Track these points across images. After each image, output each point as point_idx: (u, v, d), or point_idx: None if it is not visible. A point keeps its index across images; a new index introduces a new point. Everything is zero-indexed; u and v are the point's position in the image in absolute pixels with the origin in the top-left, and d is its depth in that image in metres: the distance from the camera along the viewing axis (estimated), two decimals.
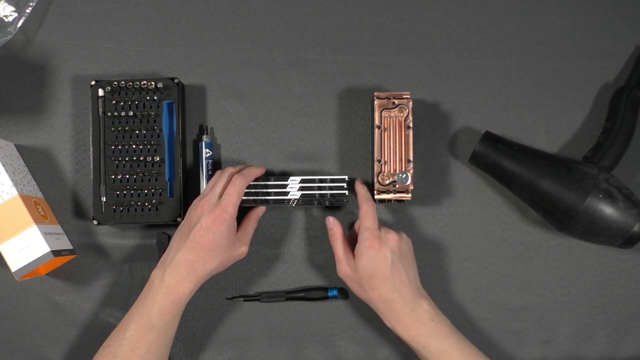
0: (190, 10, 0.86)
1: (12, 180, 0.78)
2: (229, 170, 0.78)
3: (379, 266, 0.74)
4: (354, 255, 0.76)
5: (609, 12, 0.86)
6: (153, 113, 0.81)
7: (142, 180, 0.81)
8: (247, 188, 0.79)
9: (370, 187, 0.81)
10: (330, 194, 0.80)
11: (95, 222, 0.80)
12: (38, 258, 0.76)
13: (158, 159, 0.81)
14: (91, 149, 0.81)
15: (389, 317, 0.75)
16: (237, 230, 0.77)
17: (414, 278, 0.77)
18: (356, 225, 0.81)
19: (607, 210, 0.75)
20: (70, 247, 0.83)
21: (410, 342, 0.74)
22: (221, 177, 0.77)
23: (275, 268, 0.84)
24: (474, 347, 0.75)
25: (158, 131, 0.81)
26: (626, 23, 0.85)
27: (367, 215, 0.76)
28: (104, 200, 0.80)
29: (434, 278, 0.83)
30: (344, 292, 0.84)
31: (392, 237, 0.76)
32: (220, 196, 0.74)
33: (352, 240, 0.80)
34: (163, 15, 0.85)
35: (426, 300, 0.75)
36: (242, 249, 0.77)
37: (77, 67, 0.85)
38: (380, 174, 0.79)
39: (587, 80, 0.85)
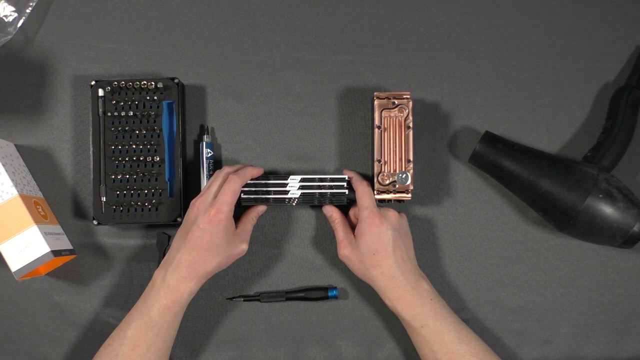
0: (190, 10, 0.86)
1: (12, 180, 0.78)
2: (226, 169, 0.78)
3: (382, 242, 0.75)
4: (355, 236, 0.77)
5: (609, 12, 0.86)
6: (153, 113, 0.81)
7: (142, 180, 0.81)
8: (247, 187, 0.79)
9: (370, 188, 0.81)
10: (330, 193, 0.80)
11: (95, 222, 0.80)
12: (38, 258, 0.76)
13: (158, 159, 0.81)
14: (91, 149, 0.81)
15: (391, 296, 0.75)
16: (236, 228, 0.77)
17: (413, 257, 0.78)
18: (351, 212, 0.82)
19: (607, 210, 0.75)
20: (70, 247, 0.83)
21: (410, 321, 0.74)
22: (217, 176, 0.77)
23: (275, 268, 0.84)
24: (469, 330, 0.76)
25: (158, 131, 0.81)
26: (626, 23, 0.85)
27: (364, 195, 0.77)
28: (104, 200, 0.80)
29: (434, 278, 0.83)
30: (344, 292, 0.84)
31: (392, 214, 0.77)
32: (216, 196, 0.74)
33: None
34: (163, 15, 0.86)
35: (425, 280, 0.77)
36: (242, 247, 0.77)
37: (77, 67, 0.85)
38: (380, 174, 0.79)
39: (587, 80, 0.85)
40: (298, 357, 0.83)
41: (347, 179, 0.80)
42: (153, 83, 0.80)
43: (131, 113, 0.80)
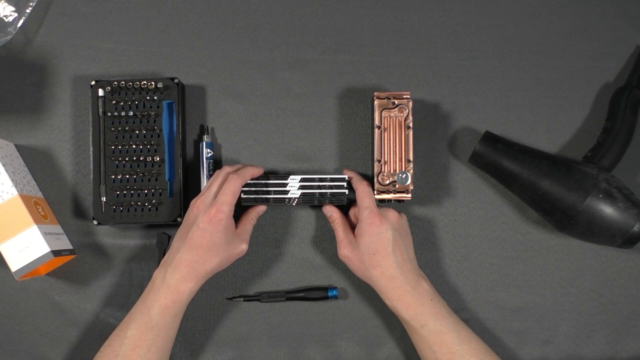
0: (190, 10, 0.86)
1: (12, 180, 0.78)
2: (226, 169, 0.78)
3: (381, 242, 0.75)
4: (355, 236, 0.77)
5: (609, 12, 0.86)
6: (153, 113, 0.81)
7: (142, 180, 0.81)
8: (247, 187, 0.79)
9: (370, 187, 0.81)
10: (330, 193, 0.80)
11: (95, 222, 0.80)
12: (38, 258, 0.76)
13: (158, 159, 0.81)
14: (91, 149, 0.81)
15: (391, 296, 0.75)
16: (236, 228, 0.77)
17: (413, 257, 0.78)
18: (351, 212, 0.82)
19: (607, 210, 0.75)
20: (70, 247, 0.83)
21: (410, 321, 0.74)
22: (217, 176, 0.77)
23: (275, 268, 0.84)
24: (469, 330, 0.75)
25: (158, 131, 0.81)
26: (626, 23, 0.85)
27: (364, 195, 0.77)
28: (104, 200, 0.80)
29: (434, 278, 0.83)
30: (344, 292, 0.84)
31: (392, 214, 0.77)
32: (216, 195, 0.74)
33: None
34: (163, 15, 0.86)
35: (425, 280, 0.77)
36: (242, 247, 0.77)
37: (77, 67, 0.85)
38: (380, 174, 0.79)
39: (587, 80, 0.85)
40: (298, 357, 0.83)
41: (347, 179, 0.80)
42: (153, 83, 0.80)
43: (131, 113, 0.80)
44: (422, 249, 0.84)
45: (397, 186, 0.79)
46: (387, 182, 0.79)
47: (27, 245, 0.76)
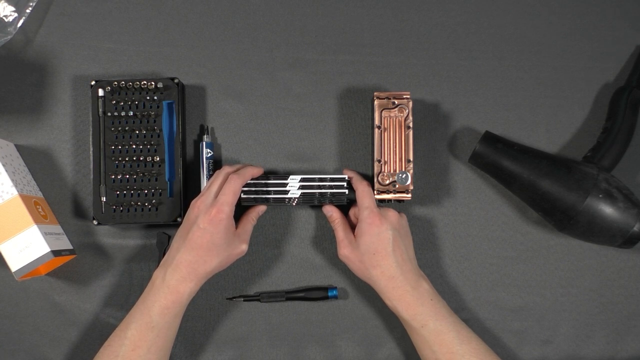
0: (190, 10, 0.86)
1: (12, 180, 0.78)
2: (226, 169, 0.78)
3: (381, 242, 0.75)
4: (355, 236, 0.77)
5: (609, 12, 0.86)
6: (153, 113, 0.81)
7: (142, 180, 0.81)
8: (247, 187, 0.79)
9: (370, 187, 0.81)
10: (330, 193, 0.80)
11: (95, 222, 0.80)
12: (38, 258, 0.76)
13: (158, 159, 0.81)
14: (91, 149, 0.81)
15: (391, 296, 0.75)
16: (236, 228, 0.77)
17: (413, 257, 0.78)
18: (351, 212, 0.82)
19: (607, 210, 0.75)
20: (70, 247, 0.83)
21: (410, 321, 0.74)
22: (217, 176, 0.77)
23: (275, 268, 0.84)
24: (469, 330, 0.75)
25: (158, 131, 0.81)
26: (626, 23, 0.85)
27: (364, 195, 0.77)
28: (104, 200, 0.80)
29: (434, 278, 0.83)
30: (344, 292, 0.84)
31: (392, 214, 0.77)
32: (217, 196, 0.74)
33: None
34: (163, 15, 0.86)
35: (425, 280, 0.77)
36: (242, 247, 0.77)
37: (77, 67, 0.85)
38: (380, 174, 0.79)
39: (587, 80, 0.85)
40: (298, 357, 0.83)
41: (347, 179, 0.80)
42: (153, 83, 0.80)
43: (131, 113, 0.80)
44: (422, 249, 0.84)
45: (397, 186, 0.79)
46: (387, 182, 0.79)
47: (27, 245, 0.76)
